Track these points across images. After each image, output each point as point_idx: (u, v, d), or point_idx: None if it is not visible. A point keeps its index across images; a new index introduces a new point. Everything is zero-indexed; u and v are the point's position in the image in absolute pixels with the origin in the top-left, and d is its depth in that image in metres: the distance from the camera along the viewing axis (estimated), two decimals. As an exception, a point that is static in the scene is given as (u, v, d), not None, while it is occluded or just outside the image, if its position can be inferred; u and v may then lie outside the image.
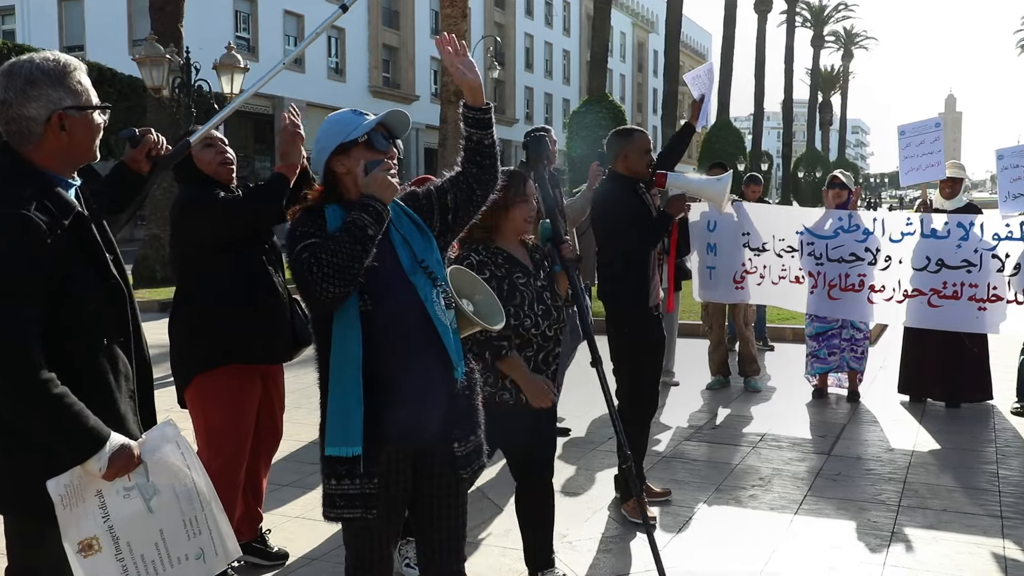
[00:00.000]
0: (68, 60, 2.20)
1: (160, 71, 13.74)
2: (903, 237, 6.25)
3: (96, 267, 2.15)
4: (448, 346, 2.36)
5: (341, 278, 2.19)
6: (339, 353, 2.28)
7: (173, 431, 2.27)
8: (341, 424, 2.26)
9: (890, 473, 5.06)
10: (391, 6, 45.76)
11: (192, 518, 2.25)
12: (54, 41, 35.09)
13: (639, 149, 4.36)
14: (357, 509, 2.31)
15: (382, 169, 2.32)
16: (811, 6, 67.39)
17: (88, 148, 2.21)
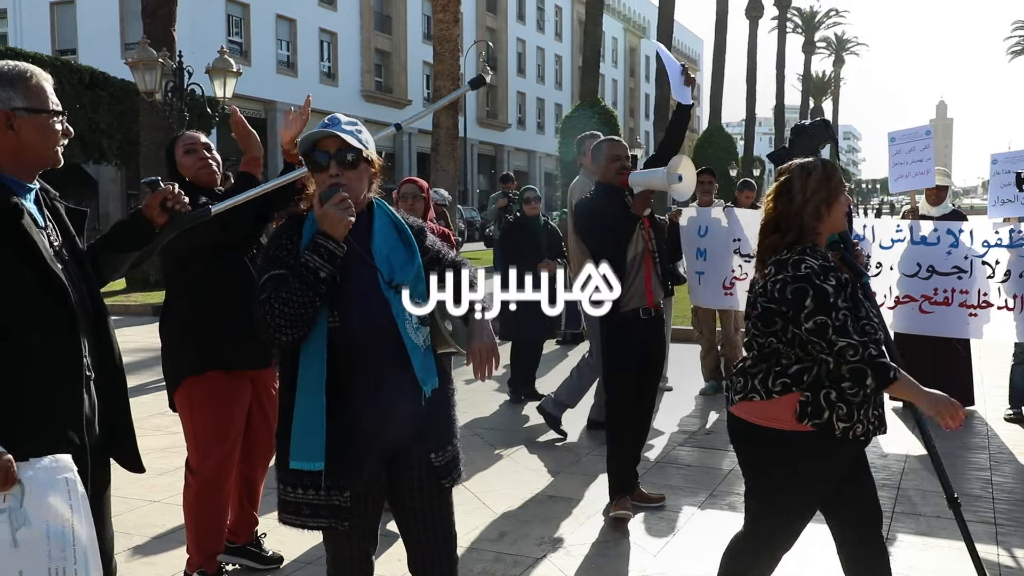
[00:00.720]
0: (30, 68, 2.24)
1: (153, 75, 13.71)
2: (893, 244, 6.27)
3: (30, 263, 2.11)
4: (415, 364, 2.37)
5: (294, 326, 2.23)
6: (304, 369, 2.30)
7: (67, 466, 2.05)
8: (305, 438, 2.28)
9: (883, 480, 5.07)
10: (383, 11, 45.80)
11: (60, 569, 1.98)
12: (46, 44, 35.01)
13: (606, 158, 4.51)
14: (324, 519, 2.34)
15: (333, 203, 2.26)
16: (802, 12, 67.72)
17: (40, 152, 2.22)
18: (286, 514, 2.37)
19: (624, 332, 4.42)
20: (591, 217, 4.47)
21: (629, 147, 4.84)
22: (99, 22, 35.33)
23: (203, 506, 3.51)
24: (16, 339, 2.08)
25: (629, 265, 4.40)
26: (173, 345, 3.52)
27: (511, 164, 53.31)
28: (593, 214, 4.46)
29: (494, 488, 4.91)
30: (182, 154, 3.53)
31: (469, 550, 4.03)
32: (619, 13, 70.36)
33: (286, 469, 2.34)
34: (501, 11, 55.61)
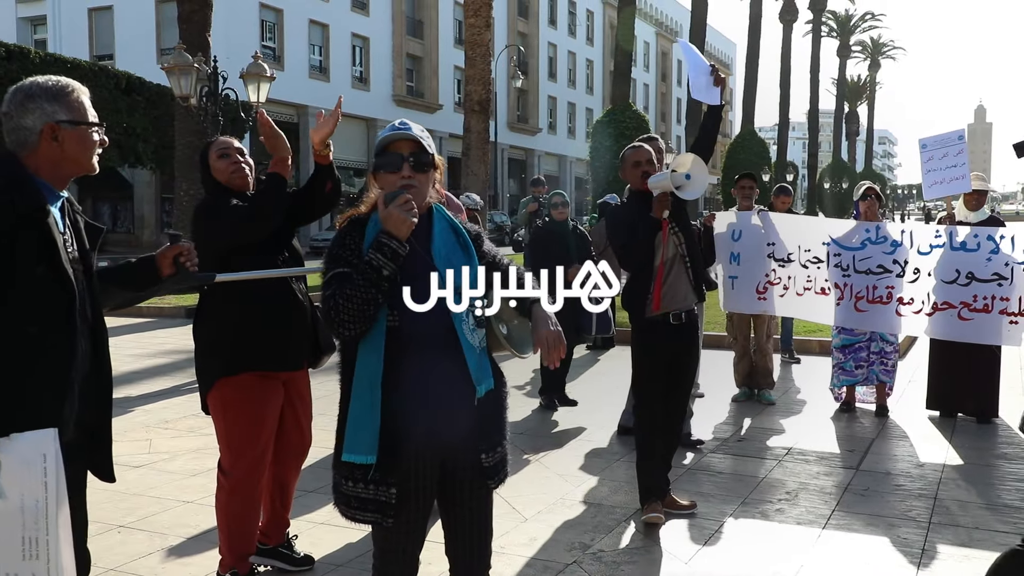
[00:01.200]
0: (72, 83, 2.40)
1: (188, 80, 13.84)
2: (932, 249, 6.18)
3: (46, 261, 2.25)
4: (470, 364, 2.41)
5: (356, 322, 2.31)
6: (361, 365, 2.37)
7: (50, 442, 2.16)
8: (359, 433, 2.34)
9: (920, 489, 4.99)
10: (415, 15, 46.03)
11: (33, 538, 2.13)
12: (84, 50, 35.58)
13: (628, 164, 4.49)
14: (370, 514, 2.39)
15: (397, 204, 2.34)
16: (837, 16, 67.07)
17: (79, 161, 2.38)
18: (339, 504, 2.45)
19: (653, 338, 4.39)
20: (618, 223, 4.49)
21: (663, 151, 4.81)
22: (136, 28, 35.86)
23: (235, 508, 3.52)
24: (13, 326, 2.20)
25: (658, 269, 4.35)
26: (206, 347, 3.55)
27: (541, 169, 53.32)
28: (621, 220, 4.47)
29: (524, 493, 4.89)
30: (216, 158, 3.57)
31: (499, 555, 4.00)
32: (651, 17, 70.15)
33: (339, 460, 2.41)
34: (532, 15, 55.67)
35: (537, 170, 52.00)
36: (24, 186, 2.26)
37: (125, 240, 35.80)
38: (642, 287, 4.38)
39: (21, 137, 2.31)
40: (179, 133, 17.04)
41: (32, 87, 2.34)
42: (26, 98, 2.32)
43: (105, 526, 4.36)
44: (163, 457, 5.66)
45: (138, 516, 4.54)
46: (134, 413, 7.01)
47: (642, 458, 4.49)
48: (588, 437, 6.19)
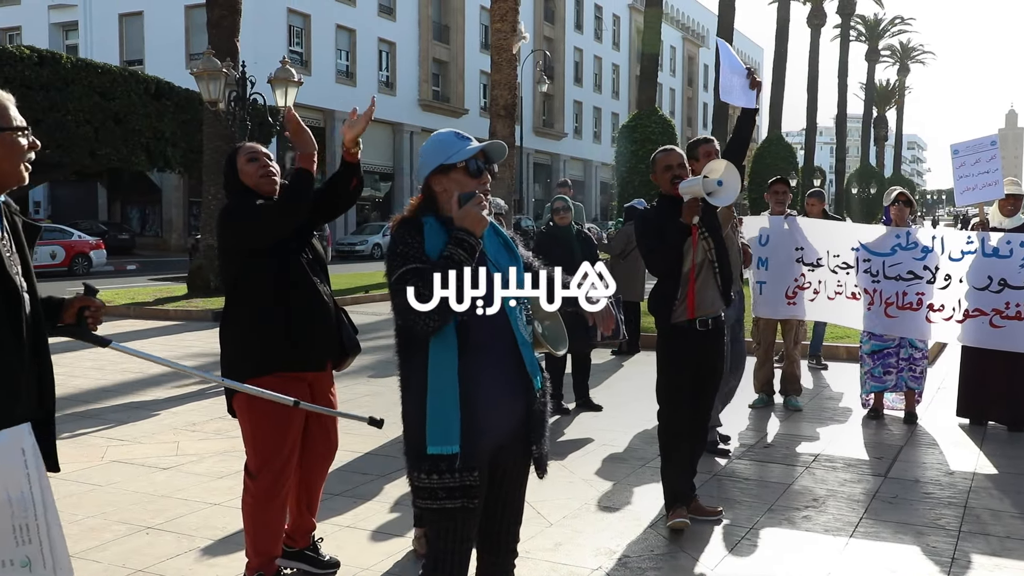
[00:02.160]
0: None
1: (217, 85, 13.99)
2: (963, 256, 6.11)
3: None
4: (527, 358, 2.59)
5: (442, 315, 2.42)
6: (437, 360, 2.48)
7: (27, 437, 2.27)
8: (442, 425, 2.45)
9: (950, 497, 4.92)
10: (441, 20, 46.20)
11: (23, 525, 2.26)
12: (115, 55, 36.04)
13: (659, 167, 4.44)
14: (458, 500, 2.50)
15: (474, 203, 2.49)
16: (866, 20, 66.51)
17: (8, 170, 2.36)
18: (421, 499, 2.53)
19: (679, 343, 4.34)
20: (647, 227, 4.44)
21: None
22: (165, 33, 36.30)
23: (262, 511, 3.54)
24: None
25: (685, 276, 4.29)
26: (233, 349, 3.56)
27: (567, 173, 53.29)
28: (650, 224, 4.42)
29: (549, 497, 4.88)
30: (245, 162, 3.58)
31: (524, 559, 3.99)
32: (677, 22, 69.94)
33: (422, 456, 2.48)
34: (559, 20, 55.69)
35: (563, 175, 51.99)
36: None
37: (153, 244, 36.23)
38: (669, 292, 4.34)
39: None
40: (207, 137, 17.22)
41: None
42: None
43: (133, 527, 4.40)
44: (191, 459, 5.71)
45: (166, 518, 4.58)
46: (161, 416, 7.08)
47: (667, 463, 4.46)
48: (613, 442, 6.16)
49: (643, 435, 6.26)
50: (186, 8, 35.37)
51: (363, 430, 6.07)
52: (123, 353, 2.94)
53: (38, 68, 24.51)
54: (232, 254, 3.53)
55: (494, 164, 2.70)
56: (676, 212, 4.27)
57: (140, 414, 7.08)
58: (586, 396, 7.29)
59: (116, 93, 26.57)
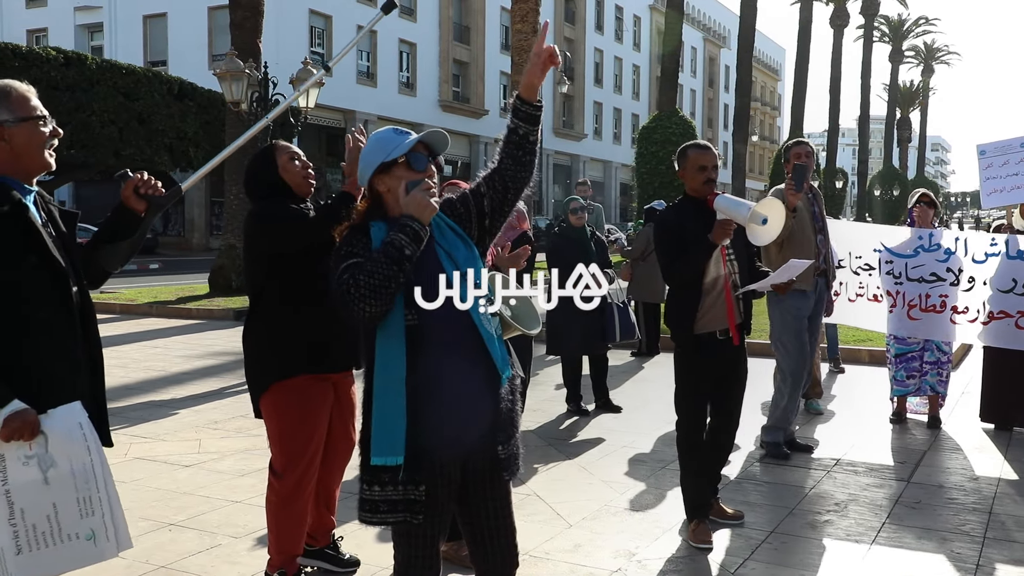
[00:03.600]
0: (10, 83, 2.53)
1: (239, 85, 14.07)
2: (987, 258, 6.06)
3: (35, 250, 2.44)
4: (494, 354, 2.44)
5: (377, 298, 2.29)
6: (382, 366, 2.37)
7: (80, 412, 2.43)
8: (386, 434, 2.35)
9: (974, 503, 4.87)
10: (462, 21, 46.26)
11: (87, 497, 2.41)
12: (139, 56, 36.36)
13: (692, 166, 4.17)
14: (400, 514, 2.39)
15: (421, 189, 2.40)
16: (890, 20, 65.95)
17: (32, 156, 2.51)
18: (364, 512, 2.43)
19: (698, 356, 4.24)
20: (666, 231, 4.21)
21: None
22: (188, 34, 36.58)
23: (286, 509, 3.56)
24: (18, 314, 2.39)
25: (708, 286, 4.15)
26: (259, 351, 3.57)
27: (587, 174, 53.17)
28: (669, 229, 4.19)
29: (568, 499, 4.88)
30: (287, 160, 3.56)
31: (543, 560, 4.00)
32: (699, 23, 69.67)
33: (367, 467, 2.40)
34: (579, 21, 55.62)
35: (582, 176, 51.89)
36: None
37: (176, 243, 36.51)
38: (687, 305, 4.16)
39: None
40: (229, 138, 17.31)
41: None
42: None
43: (156, 524, 4.44)
44: (212, 457, 5.75)
45: (188, 515, 4.61)
46: (184, 413, 7.13)
47: (686, 474, 4.38)
48: (633, 444, 6.15)
49: (663, 437, 6.24)
50: (209, 9, 35.61)
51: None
52: (195, 182, 3.11)
53: (64, 69, 24.76)
54: (261, 256, 3.55)
55: (439, 156, 2.58)
56: (700, 217, 4.09)
57: (162, 412, 7.14)
58: (606, 397, 7.28)
59: (140, 94, 26.80)
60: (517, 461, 2.59)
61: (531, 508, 4.69)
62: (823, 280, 5.79)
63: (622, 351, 9.92)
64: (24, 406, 2.33)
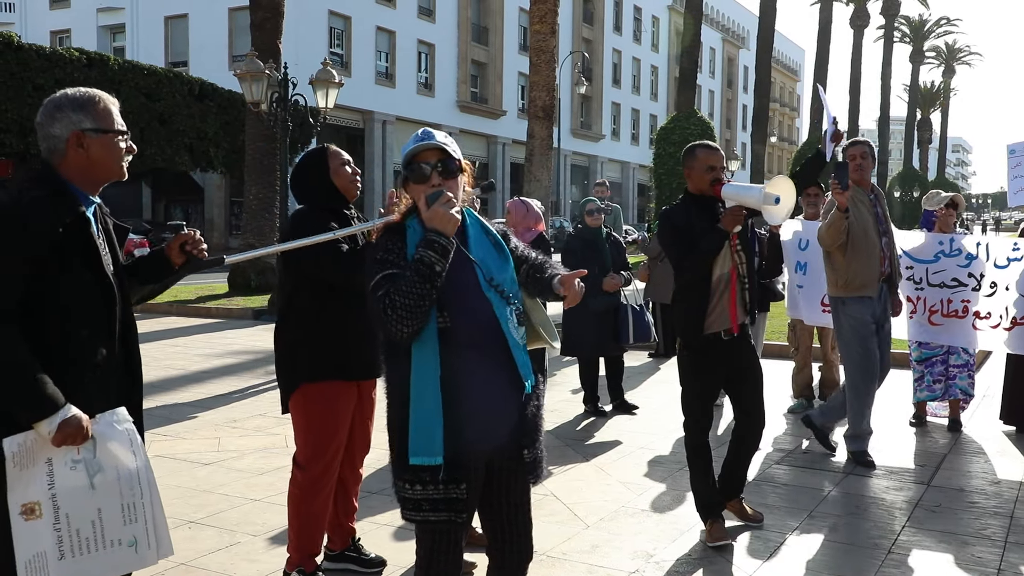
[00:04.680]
0: (99, 94, 2.55)
1: (259, 86, 14.13)
2: (1009, 263, 6.00)
3: (90, 267, 2.46)
4: (518, 361, 2.49)
5: (413, 318, 2.34)
6: (418, 368, 2.41)
7: (126, 418, 2.47)
8: (424, 435, 2.38)
9: (995, 507, 4.83)
10: (480, 22, 46.31)
11: (131, 504, 2.43)
12: (160, 57, 36.62)
13: (701, 165, 4.20)
14: (443, 512, 2.44)
15: (441, 203, 2.40)
16: (911, 21, 65.47)
17: (107, 167, 2.54)
18: (407, 511, 2.48)
19: (704, 356, 4.24)
20: (676, 229, 4.20)
21: (726, 159, 4.67)
22: (209, 35, 36.80)
23: (308, 502, 3.60)
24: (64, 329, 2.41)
25: (714, 285, 4.14)
26: (290, 351, 3.62)
27: (604, 175, 53.15)
28: (678, 227, 4.20)
29: (585, 499, 4.88)
30: (339, 164, 3.62)
31: (561, 561, 4.01)
32: (718, 23, 69.42)
33: (405, 466, 2.43)
34: (598, 22, 55.56)
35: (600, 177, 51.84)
36: (65, 196, 2.44)
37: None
38: (695, 306, 4.17)
39: (51, 145, 2.48)
40: (249, 138, 17.43)
41: (61, 98, 2.50)
42: (55, 108, 2.48)
43: (176, 521, 4.47)
44: (231, 455, 5.79)
45: (207, 512, 4.64)
46: (203, 412, 7.18)
47: (695, 475, 4.36)
48: (650, 445, 6.14)
49: (681, 439, 6.20)
50: (230, 10, 35.82)
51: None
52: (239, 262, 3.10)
53: (87, 70, 24.98)
54: (293, 263, 3.60)
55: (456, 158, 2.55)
56: (706, 214, 4.12)
57: (182, 410, 7.19)
58: (622, 398, 7.27)
59: (161, 94, 27.01)
60: (541, 465, 2.64)
61: (548, 509, 4.70)
62: (887, 285, 5.60)
63: (639, 352, 9.91)
64: (77, 411, 2.34)
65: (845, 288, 5.41)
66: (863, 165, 5.50)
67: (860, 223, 5.36)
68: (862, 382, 5.55)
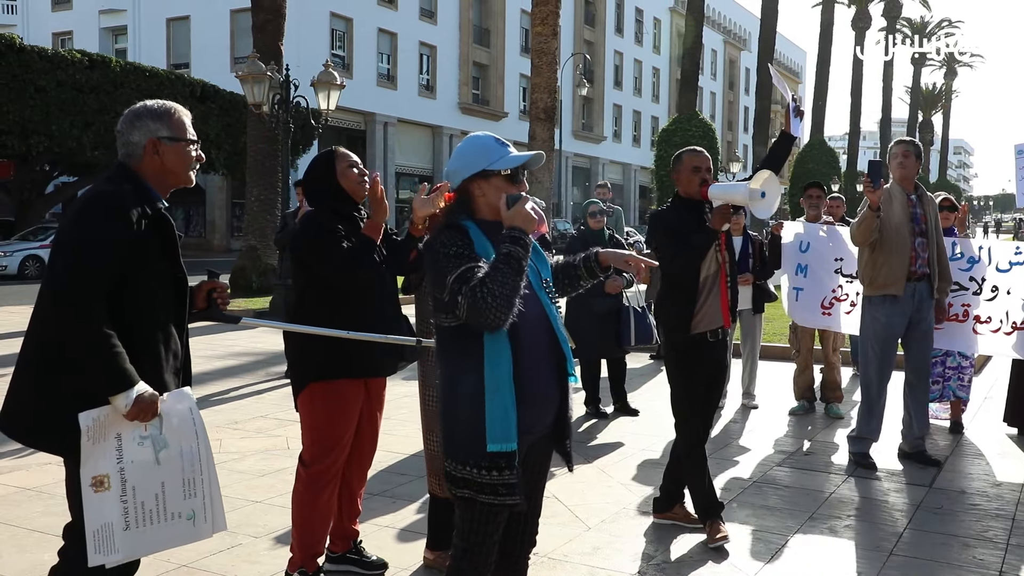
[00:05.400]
0: (174, 106, 2.79)
1: (261, 88, 14.15)
2: (1011, 267, 6.00)
3: (168, 260, 2.67)
4: (567, 355, 2.66)
5: (509, 307, 2.44)
6: (493, 360, 2.52)
7: (190, 398, 2.64)
8: (501, 423, 2.50)
9: (997, 509, 4.83)
10: (482, 24, 46.33)
11: (191, 479, 2.59)
12: (162, 59, 36.66)
13: (687, 168, 4.29)
14: (517, 496, 2.55)
15: (523, 203, 2.52)
16: (912, 23, 65.45)
17: (178, 173, 2.77)
18: (486, 495, 2.54)
19: (694, 355, 4.28)
20: (666, 231, 4.28)
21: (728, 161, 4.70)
22: (211, 37, 36.84)
23: (311, 501, 3.61)
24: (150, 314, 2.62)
25: (701, 285, 4.22)
26: (300, 350, 3.64)
27: (606, 177, 53.15)
28: (669, 228, 4.28)
29: (586, 502, 4.88)
30: (346, 167, 3.64)
31: (562, 563, 4.01)
32: (719, 25, 69.42)
33: (482, 453, 2.50)
34: (599, 23, 55.57)
35: (601, 179, 51.84)
36: (147, 192, 2.66)
37: (197, 244, 36.73)
38: (682, 306, 4.23)
39: (130, 150, 2.70)
40: (251, 140, 17.44)
41: (140, 109, 2.73)
42: (135, 118, 2.71)
43: (177, 522, 4.47)
44: (232, 457, 5.79)
45: (209, 513, 4.64)
46: (204, 413, 7.13)
47: (691, 477, 4.37)
48: (652, 447, 6.14)
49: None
50: (231, 12, 35.86)
51: (403, 431, 6.12)
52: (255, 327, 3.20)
53: (88, 72, 25.02)
54: (303, 264, 3.62)
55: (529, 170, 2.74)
56: (695, 216, 4.22)
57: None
58: (623, 400, 7.27)
59: (163, 96, 26.50)
60: (572, 455, 2.81)
61: (550, 510, 4.69)
62: (925, 286, 5.49)
63: (641, 354, 9.91)
64: (149, 388, 2.50)
65: (871, 286, 5.47)
66: (905, 163, 5.49)
67: (893, 221, 5.36)
68: (874, 383, 5.59)
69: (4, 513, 4.61)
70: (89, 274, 2.44)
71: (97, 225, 2.50)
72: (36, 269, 22.40)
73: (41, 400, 2.52)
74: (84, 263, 2.45)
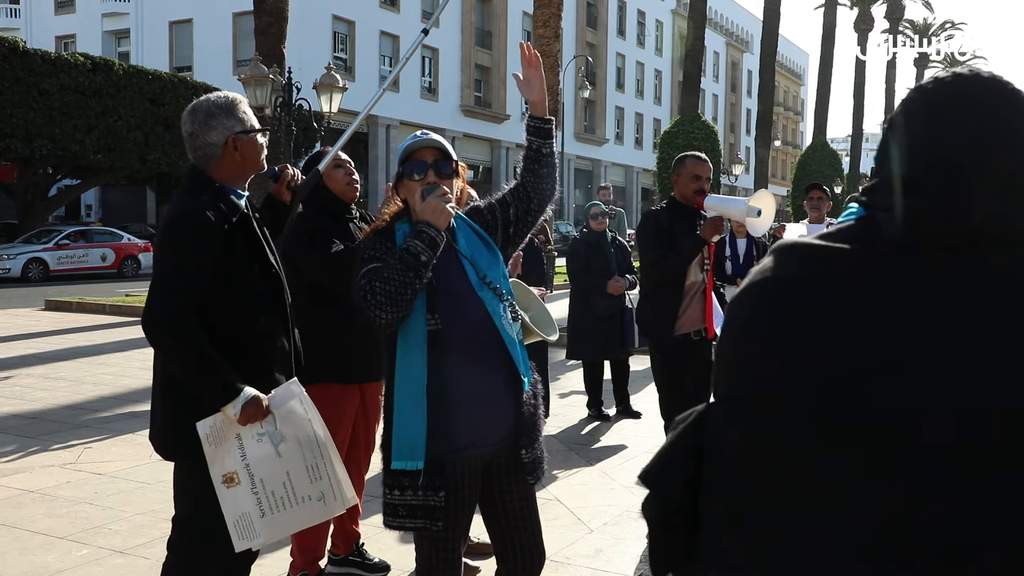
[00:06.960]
0: (236, 96, 2.76)
1: (264, 91, 14.17)
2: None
3: (256, 257, 2.69)
4: (516, 358, 2.44)
5: (393, 305, 2.30)
6: (403, 371, 2.38)
7: (298, 389, 2.70)
8: (406, 439, 2.35)
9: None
10: (484, 26, 46.39)
11: (314, 464, 2.68)
12: (164, 62, 36.75)
13: (688, 173, 4.38)
14: (420, 520, 2.38)
15: (436, 195, 2.39)
16: (915, 25, 65.46)
17: (255, 163, 2.76)
18: (386, 516, 2.43)
19: (679, 356, 4.34)
20: (660, 230, 4.36)
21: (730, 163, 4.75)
22: (214, 40, 36.93)
23: None
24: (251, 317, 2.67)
25: (687, 288, 4.31)
26: None
27: (608, 179, 53.18)
28: (660, 229, 4.35)
29: (589, 503, 4.88)
30: (331, 167, 3.56)
31: (565, 565, 4.00)
32: (721, 27, 69.49)
33: (388, 471, 2.41)
34: (601, 26, 55.64)
35: (604, 181, 51.87)
36: (227, 196, 2.65)
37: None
38: (665, 307, 4.33)
39: (208, 152, 2.66)
40: (254, 142, 17.43)
41: (210, 107, 2.67)
42: (208, 117, 2.65)
43: (180, 524, 4.47)
44: (235, 459, 5.78)
45: (211, 516, 4.64)
46: (208, 415, 7.17)
47: None
48: (653, 449, 6.06)
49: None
50: (234, 16, 35.94)
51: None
52: None
53: (91, 75, 25.09)
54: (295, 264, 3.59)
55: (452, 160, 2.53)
56: (685, 222, 4.30)
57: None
58: (626, 402, 7.27)
59: (165, 99, 27.11)
60: (541, 465, 2.59)
61: (552, 513, 4.69)
62: None
63: (643, 356, 9.90)
64: (255, 392, 2.56)
65: None
66: None
67: None
68: None
69: (7, 515, 4.62)
70: (177, 298, 2.51)
71: (180, 248, 2.55)
72: (39, 272, 22.45)
73: (166, 415, 2.66)
74: (172, 287, 2.52)
